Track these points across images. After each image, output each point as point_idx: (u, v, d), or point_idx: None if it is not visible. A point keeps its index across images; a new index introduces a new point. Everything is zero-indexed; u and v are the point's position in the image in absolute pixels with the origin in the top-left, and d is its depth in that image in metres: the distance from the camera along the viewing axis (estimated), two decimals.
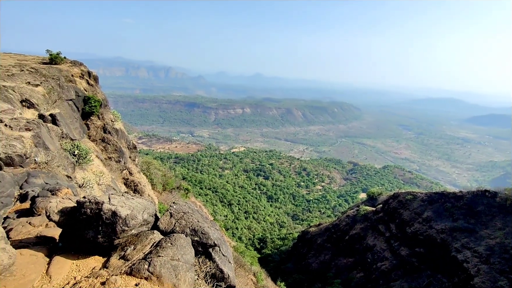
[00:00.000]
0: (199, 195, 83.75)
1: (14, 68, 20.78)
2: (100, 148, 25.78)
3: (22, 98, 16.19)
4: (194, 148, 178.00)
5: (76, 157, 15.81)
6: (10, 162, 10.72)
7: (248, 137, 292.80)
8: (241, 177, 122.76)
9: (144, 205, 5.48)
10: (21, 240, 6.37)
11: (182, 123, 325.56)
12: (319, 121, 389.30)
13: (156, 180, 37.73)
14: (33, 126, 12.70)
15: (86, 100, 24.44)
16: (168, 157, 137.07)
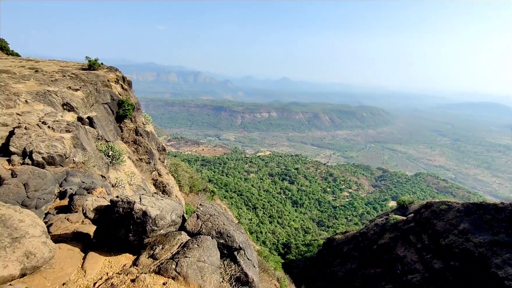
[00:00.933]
0: (225, 197, 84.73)
1: (57, 74, 22.37)
2: (132, 149, 26.95)
3: (63, 101, 17.34)
4: (220, 151, 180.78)
5: (110, 158, 16.62)
6: (52, 162, 11.50)
7: (273, 141, 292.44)
8: (266, 181, 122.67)
9: (172, 206, 5.65)
10: (59, 235, 6.79)
11: (209, 126, 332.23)
12: (347, 126, 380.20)
13: (184, 182, 38.72)
14: (72, 128, 13.54)
15: (120, 104, 25.68)
16: (195, 160, 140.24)
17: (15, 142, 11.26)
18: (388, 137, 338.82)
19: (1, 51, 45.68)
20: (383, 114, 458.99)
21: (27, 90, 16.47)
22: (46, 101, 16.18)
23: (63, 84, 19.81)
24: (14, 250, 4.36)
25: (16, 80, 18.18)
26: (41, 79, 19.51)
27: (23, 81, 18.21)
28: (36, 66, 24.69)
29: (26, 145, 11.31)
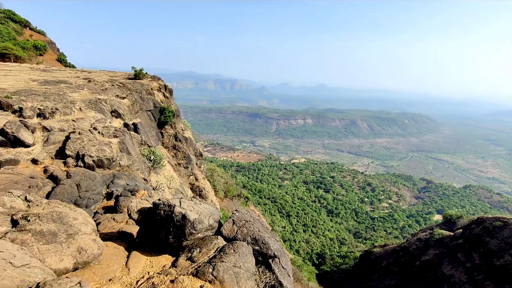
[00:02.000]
0: (258, 204, 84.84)
1: (107, 83, 24.23)
2: (171, 154, 28.18)
3: (112, 109, 18.69)
4: (255, 158, 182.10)
5: (152, 162, 17.52)
6: (101, 164, 12.42)
7: (309, 148, 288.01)
8: (300, 189, 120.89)
9: (210, 211, 5.81)
10: (106, 233, 7.28)
11: (244, 132, 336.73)
12: (387, 134, 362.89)
13: (219, 187, 39.52)
14: (119, 133, 14.54)
15: (161, 111, 27.05)
16: (230, 165, 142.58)
17: (70, 146, 12.36)
18: (433, 146, 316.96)
19: (60, 64, 50.64)
20: (427, 121, 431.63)
21: (81, 99, 18.02)
22: (97, 108, 17.57)
23: (112, 92, 21.39)
24: (69, 246, 4.76)
25: (72, 89, 20.00)
26: (93, 88, 21.27)
27: (78, 90, 19.98)
28: (89, 77, 26.99)
29: (79, 149, 12.36)
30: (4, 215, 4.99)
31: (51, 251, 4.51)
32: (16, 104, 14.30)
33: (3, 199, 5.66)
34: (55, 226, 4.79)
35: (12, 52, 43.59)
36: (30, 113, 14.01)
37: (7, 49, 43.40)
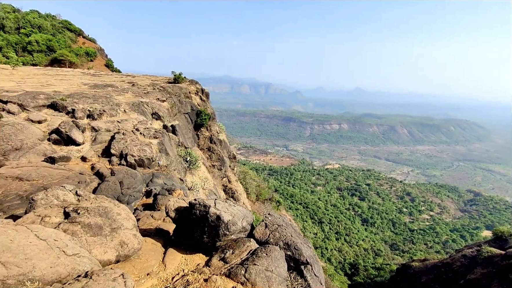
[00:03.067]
0: (290, 208, 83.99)
1: (149, 87, 25.59)
2: (206, 156, 28.97)
3: (152, 111, 19.70)
4: (287, 162, 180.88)
5: (188, 163, 18.15)
6: (142, 164, 13.12)
7: (343, 154, 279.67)
8: (334, 195, 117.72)
9: (243, 213, 5.89)
10: (145, 229, 7.66)
11: (277, 136, 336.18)
12: (430, 141, 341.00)
13: (251, 190, 39.78)
14: (159, 135, 15.27)
15: (198, 114, 27.95)
16: (263, 169, 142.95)
17: (115, 145, 13.22)
18: (482, 155, 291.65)
19: (108, 68, 54.49)
20: (476, 128, 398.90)
21: (126, 101, 19.22)
22: (139, 110, 18.63)
23: (153, 96, 22.56)
24: (112, 239, 5.09)
25: (118, 92, 21.42)
26: (136, 92, 22.59)
27: (123, 94, 21.35)
28: (133, 81, 28.71)
29: (123, 148, 13.18)
30: (58, 207, 5.47)
31: (97, 243, 4.86)
32: (69, 106, 15.63)
33: (57, 192, 6.21)
34: (101, 220, 5.16)
35: (67, 59, 47.80)
36: (81, 114, 15.24)
37: (63, 56, 47.70)
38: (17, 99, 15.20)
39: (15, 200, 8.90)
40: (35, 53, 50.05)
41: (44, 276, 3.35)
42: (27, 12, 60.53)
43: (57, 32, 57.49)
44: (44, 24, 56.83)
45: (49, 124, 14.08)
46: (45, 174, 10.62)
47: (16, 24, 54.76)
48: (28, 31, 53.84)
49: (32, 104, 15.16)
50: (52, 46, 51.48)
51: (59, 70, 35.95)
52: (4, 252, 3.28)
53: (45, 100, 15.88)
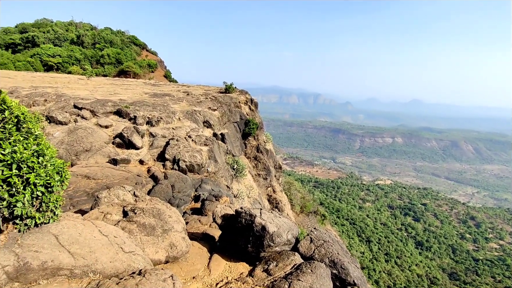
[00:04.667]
0: (335, 223, 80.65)
1: (201, 96, 26.93)
2: (252, 164, 29.35)
3: (204, 119, 20.64)
4: (334, 175, 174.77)
5: (235, 171, 18.55)
6: (192, 169, 13.76)
7: (396, 169, 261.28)
8: (384, 213, 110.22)
9: (289, 225, 5.81)
10: (192, 233, 7.96)
11: (325, 148, 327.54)
12: (500, 160, 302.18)
13: (295, 201, 39.15)
14: (209, 142, 15.91)
15: (246, 123, 28.55)
16: (308, 180, 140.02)
17: (169, 151, 14.09)
18: None
19: (166, 79, 58.77)
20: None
21: (180, 109, 20.47)
22: (192, 118, 19.67)
23: (205, 105, 23.69)
24: (163, 240, 5.38)
25: (174, 101, 22.92)
26: (190, 101, 23.93)
27: (178, 102, 22.78)
28: (187, 90, 30.52)
29: (176, 154, 13.98)
30: (118, 206, 5.97)
31: (149, 242, 5.18)
32: (132, 113, 17.14)
33: (118, 192, 6.79)
34: (154, 221, 5.49)
35: (132, 70, 52.73)
36: (141, 120, 16.58)
37: (129, 67, 52.73)
38: (89, 106, 17.12)
39: (83, 196, 9.92)
40: (106, 65, 56.21)
41: (104, 269, 3.66)
42: (102, 29, 68.56)
43: (125, 46, 63.95)
44: (115, 40, 63.67)
45: (114, 129, 15.58)
46: (108, 174, 11.71)
47: (93, 40, 62.27)
48: (102, 46, 60.77)
49: (101, 110, 16.94)
50: (120, 58, 57.35)
51: (124, 80, 39.76)
52: (73, 244, 3.67)
53: (112, 107, 17.64)
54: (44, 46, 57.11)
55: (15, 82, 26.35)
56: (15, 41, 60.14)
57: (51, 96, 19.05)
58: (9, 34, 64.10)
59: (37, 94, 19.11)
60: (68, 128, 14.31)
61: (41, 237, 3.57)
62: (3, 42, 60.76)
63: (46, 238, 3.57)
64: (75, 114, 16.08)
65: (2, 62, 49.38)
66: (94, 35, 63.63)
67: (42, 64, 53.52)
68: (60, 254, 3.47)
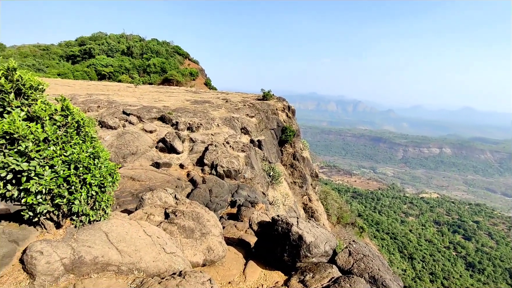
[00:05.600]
0: (374, 237, 76.71)
1: (240, 103, 27.44)
2: (288, 172, 29.10)
3: (242, 126, 20.98)
4: (374, 185, 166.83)
5: (271, 178, 18.54)
6: (229, 175, 14.01)
7: (444, 182, 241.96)
8: (429, 229, 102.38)
9: (326, 236, 5.64)
10: (228, 238, 8.06)
11: (364, 157, 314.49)
12: None
13: (332, 211, 37.98)
14: (246, 148, 16.11)
15: (283, 130, 28.48)
16: (346, 190, 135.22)
17: (208, 156, 14.50)
18: None
19: (206, 86, 60.90)
20: None
21: (219, 116, 21.03)
22: (230, 125, 20.10)
23: (243, 112, 24.09)
24: (201, 243, 5.52)
25: (213, 108, 23.64)
26: (229, 108, 24.51)
27: (217, 109, 23.45)
28: (226, 97, 31.31)
29: (214, 159, 14.35)
30: (160, 208, 6.25)
31: (188, 244, 5.34)
32: (174, 119, 17.97)
33: (160, 194, 7.12)
34: (193, 224, 5.67)
35: (175, 78, 55.52)
36: (182, 126, 17.32)
37: (172, 76, 55.60)
38: (136, 112, 18.29)
39: (128, 196, 10.56)
40: (151, 73, 59.88)
41: (148, 268, 3.85)
42: (149, 40, 73.36)
43: (169, 56, 67.69)
44: (160, 50, 67.73)
45: (158, 134, 16.45)
46: (151, 177, 12.35)
47: (141, 50, 66.84)
48: (149, 56, 64.93)
49: (146, 116, 18.01)
50: (164, 67, 60.77)
51: (168, 88, 41.93)
52: (121, 241, 3.91)
53: (156, 114, 18.67)
54: (98, 57, 62.52)
55: (74, 90, 29.07)
56: (75, 53, 66.67)
57: (103, 102, 20.69)
58: (70, 47, 71.32)
59: (91, 101, 20.88)
60: (117, 133, 15.39)
61: (93, 234, 3.86)
62: (65, 54, 67.71)
63: (98, 235, 3.86)
64: (123, 119, 17.27)
65: (63, 72, 54.95)
66: (142, 46, 68.35)
67: (96, 74, 58.54)
68: (109, 250, 3.72)
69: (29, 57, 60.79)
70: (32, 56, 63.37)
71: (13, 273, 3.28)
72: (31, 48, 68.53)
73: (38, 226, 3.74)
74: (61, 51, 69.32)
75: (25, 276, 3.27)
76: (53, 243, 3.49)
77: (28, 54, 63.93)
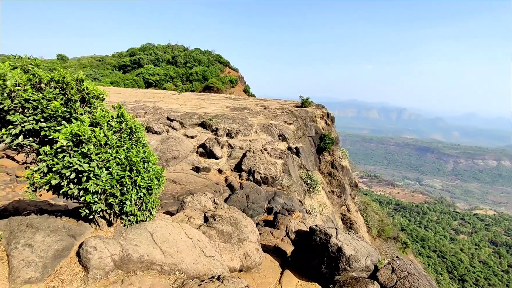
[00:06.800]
0: (419, 254, 71.41)
1: (278, 110, 27.51)
2: (326, 181, 28.37)
3: (279, 133, 20.97)
4: (420, 198, 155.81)
5: (308, 186, 18.22)
6: (266, 181, 14.04)
7: (502, 198, 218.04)
8: (484, 250, 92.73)
9: (368, 250, 5.39)
10: (265, 245, 8.05)
11: (409, 168, 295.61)
12: None
13: (372, 224, 36.20)
14: (283, 155, 16.06)
15: (322, 137, 27.93)
16: (388, 202, 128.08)
17: (245, 162, 14.70)
18: None
19: (245, 93, 62.04)
20: None
21: (257, 123, 21.26)
22: (268, 132, 20.21)
23: (281, 118, 24.09)
24: (238, 248, 5.59)
25: (251, 115, 23.97)
26: (267, 115, 24.67)
27: (255, 116, 23.73)
28: (264, 104, 31.59)
29: (251, 165, 14.50)
30: (200, 211, 6.46)
31: (226, 249, 5.43)
32: (214, 125, 18.53)
33: (200, 198, 7.36)
34: (231, 229, 5.76)
35: (215, 85, 57.41)
36: (222, 132, 17.78)
37: (213, 83, 57.57)
38: (179, 118, 19.18)
39: (170, 198, 11.05)
40: (194, 81, 62.61)
41: (188, 270, 3.99)
42: (192, 50, 77.05)
43: (211, 64, 70.34)
44: (202, 59, 70.71)
45: (198, 139, 17.07)
46: (191, 181, 12.82)
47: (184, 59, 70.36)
48: (191, 65, 68.08)
49: (188, 122, 18.80)
50: (206, 75, 63.21)
51: (209, 95, 43.43)
52: (164, 242, 4.12)
53: (197, 120, 19.41)
54: (146, 67, 67.03)
55: (124, 97, 31.36)
56: (126, 63, 72.26)
57: (150, 109, 22.03)
58: (121, 58, 77.50)
59: (139, 107, 22.35)
60: (161, 137, 16.26)
61: (140, 233, 4.11)
62: (117, 64, 73.66)
63: (144, 234, 4.10)
64: (167, 125, 18.21)
65: (115, 81, 59.72)
66: (185, 55, 72.04)
67: (144, 82, 62.71)
68: (154, 250, 3.93)
69: (87, 67, 67.09)
70: (89, 66, 69.90)
71: (71, 265, 3.61)
72: (89, 60, 75.68)
73: (93, 223, 4.08)
74: (114, 61, 75.54)
75: (81, 268, 3.57)
76: (105, 240, 3.78)
77: (86, 64, 70.65)
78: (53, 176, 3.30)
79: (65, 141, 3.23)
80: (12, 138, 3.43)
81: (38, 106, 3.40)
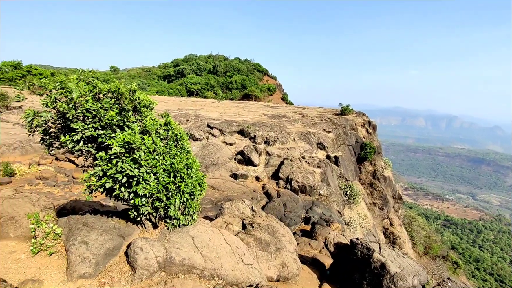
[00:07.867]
0: (473, 276, 64.70)
1: (316, 118, 27.09)
2: (367, 192, 27.13)
3: (318, 141, 20.60)
4: (473, 215, 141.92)
5: (347, 197, 17.57)
6: (303, 190, 13.82)
7: None
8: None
9: (415, 269, 5.03)
10: (302, 256, 7.89)
11: (460, 181, 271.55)
12: None
13: (417, 239, 33.76)
14: (322, 164, 15.71)
15: (362, 146, 26.88)
16: (436, 217, 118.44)
17: (283, 170, 14.62)
18: None
19: (283, 101, 62.08)
20: None
21: (295, 131, 21.10)
22: (306, 140, 19.95)
23: (320, 126, 23.67)
24: (276, 258, 5.54)
25: (289, 122, 23.88)
26: (305, 122, 24.40)
27: (293, 124, 23.59)
28: (303, 112, 31.30)
29: (289, 173, 14.38)
30: (238, 218, 6.53)
31: (263, 258, 5.42)
32: (252, 132, 18.76)
33: (238, 205, 7.45)
34: (269, 237, 5.74)
35: (254, 94, 58.25)
36: (260, 140, 17.92)
37: (251, 92, 58.49)
38: (219, 125, 19.73)
39: (208, 204, 11.33)
40: (233, 90, 64.21)
41: (227, 276, 4.05)
42: (232, 59, 79.40)
43: (250, 73, 71.71)
44: (242, 68, 72.42)
45: (237, 146, 17.38)
46: (229, 187, 13.04)
47: (224, 69, 72.66)
48: (231, 74, 70.03)
49: (227, 130, 19.25)
50: (245, 84, 64.51)
51: (247, 103, 44.18)
52: (205, 247, 4.23)
53: (236, 127, 19.81)
54: (189, 76, 70.30)
55: (168, 105, 33.10)
56: (170, 73, 76.49)
57: (191, 116, 22.97)
58: (166, 68, 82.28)
59: (182, 115, 23.41)
60: (201, 144, 16.84)
61: (182, 237, 4.28)
62: (162, 74, 78.28)
63: (186, 238, 4.26)
64: (207, 132, 18.83)
65: (160, 90, 63.42)
66: (226, 64, 74.40)
67: (186, 90, 65.72)
68: (195, 254, 4.05)
69: (136, 78, 72.19)
70: (138, 77, 75.18)
71: (120, 263, 3.86)
72: (138, 71, 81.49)
73: (140, 225, 4.33)
74: (159, 72, 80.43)
75: (128, 267, 3.80)
76: (151, 242, 3.98)
77: (135, 75, 76.12)
78: (107, 180, 3.58)
79: (118, 148, 3.51)
80: (74, 144, 3.80)
81: (97, 115, 3.74)
